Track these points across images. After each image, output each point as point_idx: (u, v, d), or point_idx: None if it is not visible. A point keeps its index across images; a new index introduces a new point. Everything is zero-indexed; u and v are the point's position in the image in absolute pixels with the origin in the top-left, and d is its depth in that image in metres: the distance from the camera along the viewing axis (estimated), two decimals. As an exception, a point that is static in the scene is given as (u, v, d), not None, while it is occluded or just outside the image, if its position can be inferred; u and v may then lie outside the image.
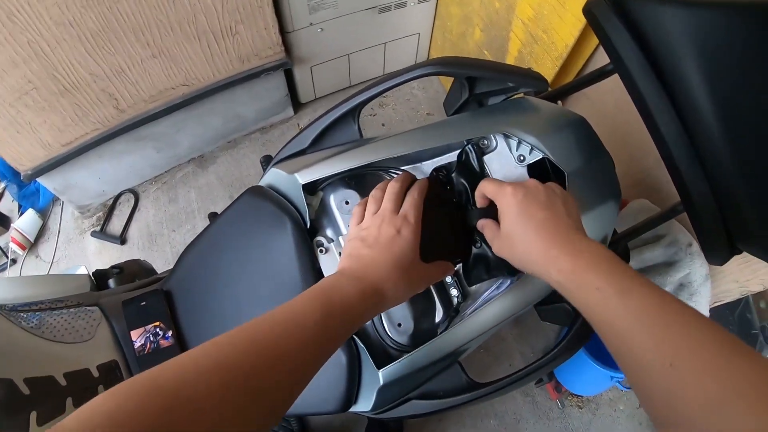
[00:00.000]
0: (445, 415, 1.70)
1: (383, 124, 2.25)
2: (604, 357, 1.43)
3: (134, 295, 0.86)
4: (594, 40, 1.40)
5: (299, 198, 0.76)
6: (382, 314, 0.74)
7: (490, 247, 0.66)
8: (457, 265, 0.76)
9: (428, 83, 2.33)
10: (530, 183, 0.62)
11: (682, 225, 1.25)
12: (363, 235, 0.62)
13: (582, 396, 1.76)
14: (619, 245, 0.81)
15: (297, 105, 2.26)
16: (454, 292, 0.76)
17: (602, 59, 1.44)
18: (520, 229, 0.59)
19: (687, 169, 0.65)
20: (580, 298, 0.52)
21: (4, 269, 2.03)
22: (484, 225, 0.67)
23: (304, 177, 0.74)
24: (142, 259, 1.27)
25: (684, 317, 0.45)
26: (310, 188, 0.78)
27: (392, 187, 0.66)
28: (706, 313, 1.27)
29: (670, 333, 0.44)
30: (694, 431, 0.40)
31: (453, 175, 0.75)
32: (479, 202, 0.68)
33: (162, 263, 1.97)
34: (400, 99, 2.30)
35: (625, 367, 0.48)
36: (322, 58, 2.04)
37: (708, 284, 1.24)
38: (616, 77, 0.82)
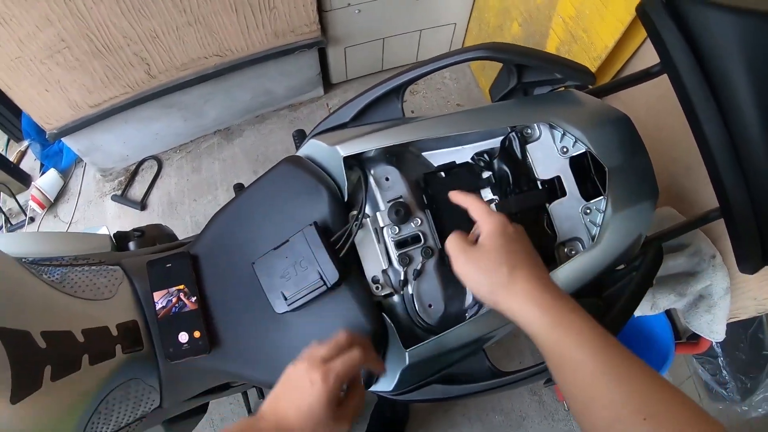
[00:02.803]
0: (451, 406, 1.70)
1: (412, 111, 2.23)
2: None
3: (159, 256, 0.86)
4: (633, 44, 1.38)
5: (338, 170, 0.75)
6: (413, 294, 0.74)
7: None
8: None
9: (461, 74, 2.30)
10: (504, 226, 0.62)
11: (706, 236, 1.23)
12: (290, 377, 0.60)
13: (588, 400, 1.75)
14: (652, 246, 0.80)
15: (327, 85, 2.25)
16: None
17: (641, 64, 1.42)
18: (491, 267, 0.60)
19: (728, 174, 0.65)
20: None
21: (22, 226, 2.05)
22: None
23: (346, 150, 0.74)
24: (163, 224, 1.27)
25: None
26: (348, 163, 0.77)
27: (339, 336, 0.63)
28: (723, 327, 1.26)
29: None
30: None
31: (495, 161, 0.75)
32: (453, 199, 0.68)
33: (181, 231, 1.97)
34: (431, 87, 2.28)
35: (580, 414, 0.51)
36: (356, 40, 2.03)
37: (728, 298, 1.23)
38: (651, 81, 0.81)
